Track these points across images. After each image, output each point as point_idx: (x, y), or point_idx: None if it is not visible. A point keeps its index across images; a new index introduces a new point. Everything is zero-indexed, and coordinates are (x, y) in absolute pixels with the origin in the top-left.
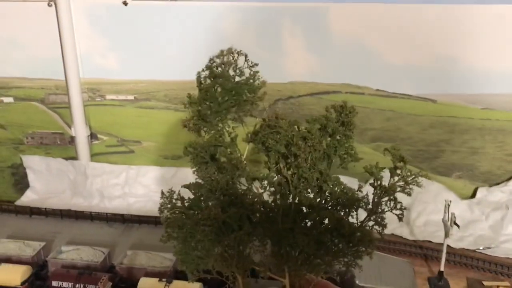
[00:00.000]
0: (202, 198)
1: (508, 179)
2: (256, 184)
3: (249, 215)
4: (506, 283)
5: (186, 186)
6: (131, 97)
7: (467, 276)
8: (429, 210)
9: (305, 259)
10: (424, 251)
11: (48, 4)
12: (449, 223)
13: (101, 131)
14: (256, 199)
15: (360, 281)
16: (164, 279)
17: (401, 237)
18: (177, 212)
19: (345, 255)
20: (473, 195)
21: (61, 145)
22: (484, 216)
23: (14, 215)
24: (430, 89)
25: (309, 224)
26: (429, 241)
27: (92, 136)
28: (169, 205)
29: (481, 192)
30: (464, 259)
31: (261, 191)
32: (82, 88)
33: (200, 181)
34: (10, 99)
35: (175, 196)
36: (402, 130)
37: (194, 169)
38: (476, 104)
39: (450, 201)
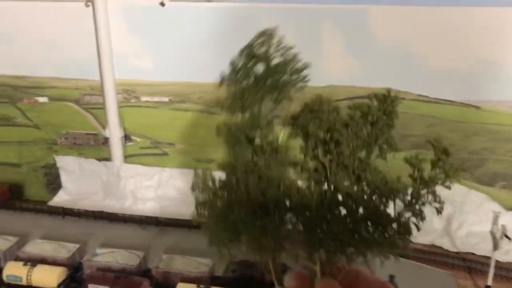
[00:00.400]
0: (235, 181)
1: None
2: (291, 170)
3: (285, 200)
4: None
5: (220, 167)
6: (165, 99)
7: None
8: (471, 221)
9: (339, 247)
10: (467, 264)
11: (86, 5)
12: (498, 235)
13: (135, 133)
14: (292, 184)
15: None
16: (202, 285)
17: (441, 248)
18: (209, 193)
19: (381, 245)
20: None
21: (94, 146)
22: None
23: (47, 216)
24: (473, 95)
25: (344, 212)
26: (472, 253)
27: (126, 137)
28: (201, 185)
29: None
30: (506, 272)
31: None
32: (117, 89)
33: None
34: (45, 99)
35: (207, 177)
36: (444, 137)
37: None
38: None
39: (500, 213)
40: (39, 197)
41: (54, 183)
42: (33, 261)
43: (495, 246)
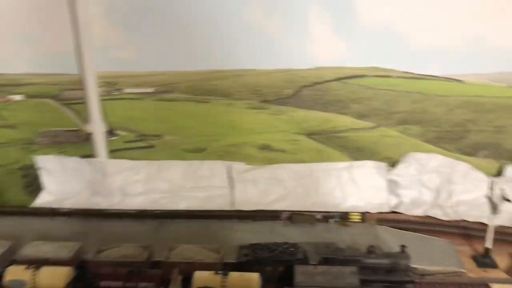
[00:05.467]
0: None
1: None
2: None
3: None
4: None
5: None
6: (150, 90)
7: (509, 251)
8: (459, 190)
9: None
10: (461, 231)
11: None
12: (498, 199)
13: (119, 127)
14: None
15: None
16: (220, 271)
17: (435, 218)
18: None
19: None
20: (498, 173)
21: (76, 143)
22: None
23: (32, 218)
24: (456, 69)
25: None
26: (464, 220)
27: (110, 132)
28: None
29: (508, 170)
30: (503, 236)
31: None
32: (98, 82)
33: None
34: (21, 97)
35: None
36: (429, 111)
37: None
38: (501, 82)
39: (496, 178)
40: (18, 201)
41: (33, 185)
42: (36, 264)
43: (494, 210)
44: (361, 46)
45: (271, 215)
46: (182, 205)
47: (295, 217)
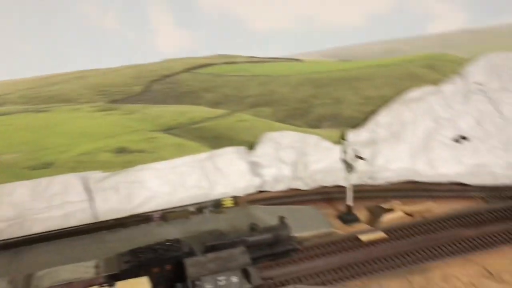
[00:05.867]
0: None
1: (368, 119)
2: None
3: None
4: (397, 202)
5: None
6: None
7: (365, 205)
8: (312, 160)
9: None
10: (323, 196)
11: None
12: (352, 159)
13: None
14: None
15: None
16: (105, 284)
17: (297, 189)
18: None
19: None
20: (342, 139)
21: None
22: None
23: None
24: (295, 49)
25: None
26: (323, 186)
27: None
28: None
29: (349, 135)
30: (360, 193)
31: None
32: None
33: None
34: None
35: None
36: (276, 92)
37: None
38: (333, 57)
39: (346, 141)
40: None
41: None
42: None
43: (350, 170)
44: (205, 35)
45: (142, 219)
46: (36, 228)
47: (168, 215)
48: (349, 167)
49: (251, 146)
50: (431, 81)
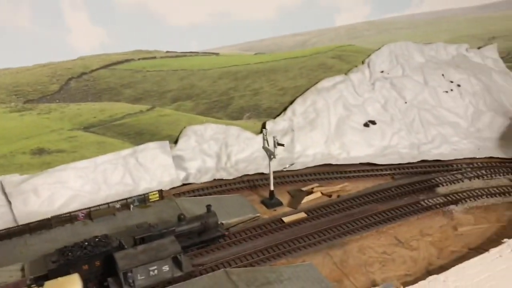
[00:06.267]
0: None
1: (285, 109)
2: None
3: None
4: (316, 184)
5: None
6: None
7: (286, 189)
8: (235, 151)
9: None
10: (246, 184)
11: None
12: (272, 146)
13: None
14: None
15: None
16: (33, 285)
17: (222, 179)
18: None
19: None
20: (260, 130)
21: None
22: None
23: None
24: (212, 43)
25: None
26: (246, 175)
27: None
28: None
29: (269, 125)
30: (280, 179)
31: None
32: None
33: None
34: None
35: None
36: (196, 86)
37: None
38: (250, 51)
39: (266, 130)
40: None
41: None
42: None
43: (271, 157)
44: (122, 31)
45: (67, 219)
46: None
47: (93, 213)
48: (270, 154)
49: (174, 140)
50: (340, 71)
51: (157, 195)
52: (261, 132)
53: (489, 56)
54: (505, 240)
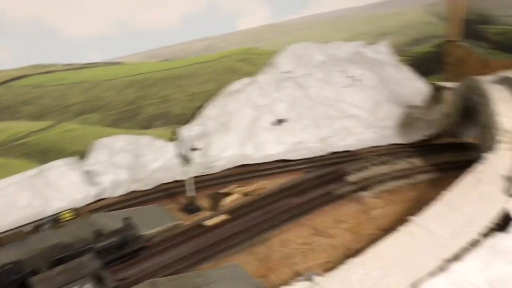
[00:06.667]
0: None
1: (196, 115)
2: None
3: None
4: (234, 185)
5: None
6: None
7: (205, 194)
8: (148, 160)
9: None
10: (164, 193)
11: None
12: (188, 152)
13: None
14: None
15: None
16: None
17: (138, 191)
18: None
19: None
20: (173, 137)
21: None
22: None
23: None
24: (115, 53)
25: None
26: (163, 184)
27: None
28: None
29: (181, 132)
30: (196, 184)
31: None
32: None
33: None
34: None
35: None
36: (102, 97)
37: None
38: (156, 58)
39: (180, 136)
40: None
41: None
42: None
43: (187, 162)
44: (14, 46)
45: None
46: None
47: (1, 239)
48: (186, 160)
49: (82, 155)
50: (247, 73)
51: (71, 213)
52: (174, 138)
53: (381, 51)
54: (411, 218)
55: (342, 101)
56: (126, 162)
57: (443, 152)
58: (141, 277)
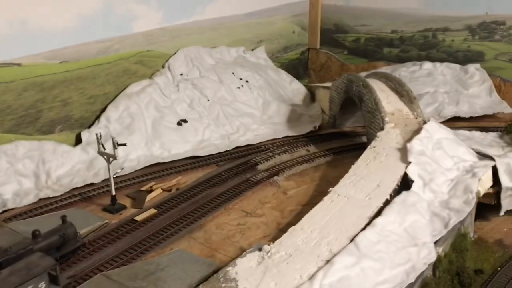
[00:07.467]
0: None
1: (98, 118)
2: None
3: None
4: (153, 183)
5: None
6: None
7: (123, 194)
8: (55, 166)
9: None
10: (78, 197)
11: None
12: (108, 150)
13: None
14: None
15: None
16: None
17: (49, 198)
18: None
19: None
20: (78, 141)
21: None
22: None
23: None
24: (13, 54)
25: None
26: (75, 188)
27: None
28: None
29: (84, 135)
30: (117, 184)
31: None
32: None
33: None
34: None
35: None
36: None
37: None
38: (54, 59)
39: (100, 134)
40: None
41: None
42: None
43: (111, 160)
44: None
45: None
46: None
47: None
48: (108, 157)
49: None
50: (143, 75)
51: None
52: (79, 143)
53: (260, 56)
54: (330, 189)
55: (236, 101)
56: (31, 169)
57: (331, 140)
58: (88, 273)
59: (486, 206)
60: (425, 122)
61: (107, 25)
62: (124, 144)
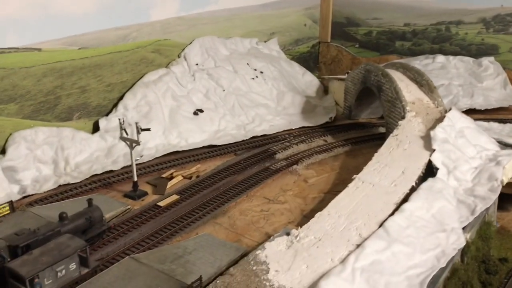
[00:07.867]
0: None
1: (116, 105)
2: None
3: None
4: (173, 170)
5: None
6: None
7: (144, 180)
8: (73, 154)
9: None
10: (101, 183)
11: None
12: (136, 134)
13: None
14: None
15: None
16: None
17: (69, 184)
18: None
19: None
20: (95, 129)
21: None
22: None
23: None
24: (34, 38)
25: None
26: (95, 175)
27: None
28: None
29: (102, 123)
30: (131, 173)
31: None
32: None
33: None
34: None
35: None
36: (20, 85)
37: None
38: (73, 45)
39: (123, 119)
40: None
41: None
42: None
43: (133, 145)
44: None
45: None
46: None
47: None
48: (132, 143)
49: (2, 150)
50: (160, 64)
51: (7, 208)
52: (96, 131)
53: (273, 48)
54: (354, 176)
55: (251, 92)
56: (50, 155)
57: (348, 130)
58: (115, 256)
59: (506, 197)
60: (446, 111)
61: (126, 12)
62: (148, 129)
